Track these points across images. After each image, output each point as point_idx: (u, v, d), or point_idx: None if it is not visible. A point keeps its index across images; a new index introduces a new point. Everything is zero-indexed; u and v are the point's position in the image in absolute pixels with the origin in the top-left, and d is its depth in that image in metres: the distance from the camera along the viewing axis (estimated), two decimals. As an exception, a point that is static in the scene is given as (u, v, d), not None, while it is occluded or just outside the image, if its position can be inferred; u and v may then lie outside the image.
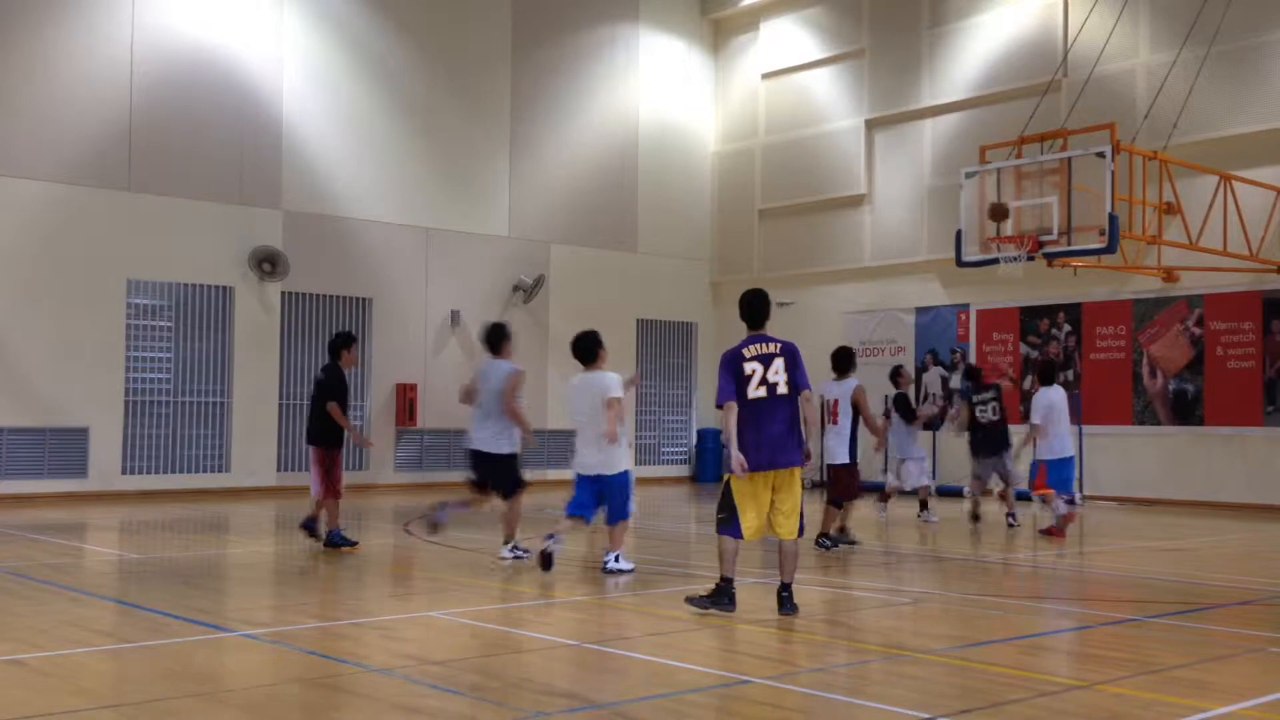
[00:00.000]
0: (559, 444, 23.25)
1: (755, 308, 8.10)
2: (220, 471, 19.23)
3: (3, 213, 17.39)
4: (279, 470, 19.73)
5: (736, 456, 7.40)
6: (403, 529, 13.84)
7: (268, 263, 19.47)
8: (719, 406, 7.74)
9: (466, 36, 22.15)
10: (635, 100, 24.43)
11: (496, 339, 11.18)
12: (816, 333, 23.12)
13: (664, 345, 24.92)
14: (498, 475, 10.64)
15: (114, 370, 18.27)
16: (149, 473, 18.52)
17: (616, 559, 9.68)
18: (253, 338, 19.60)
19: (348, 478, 20.84)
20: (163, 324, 18.92)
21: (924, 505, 15.15)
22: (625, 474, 9.88)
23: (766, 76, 24.48)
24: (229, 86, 19.43)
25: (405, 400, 20.89)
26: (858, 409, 12.05)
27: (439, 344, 21.62)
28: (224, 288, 19.35)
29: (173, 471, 18.64)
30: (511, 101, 22.73)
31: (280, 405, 19.83)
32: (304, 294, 20.22)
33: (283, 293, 19.86)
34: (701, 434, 24.75)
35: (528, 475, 11.26)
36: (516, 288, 22.45)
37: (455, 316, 21.76)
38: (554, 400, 23.05)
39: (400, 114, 21.35)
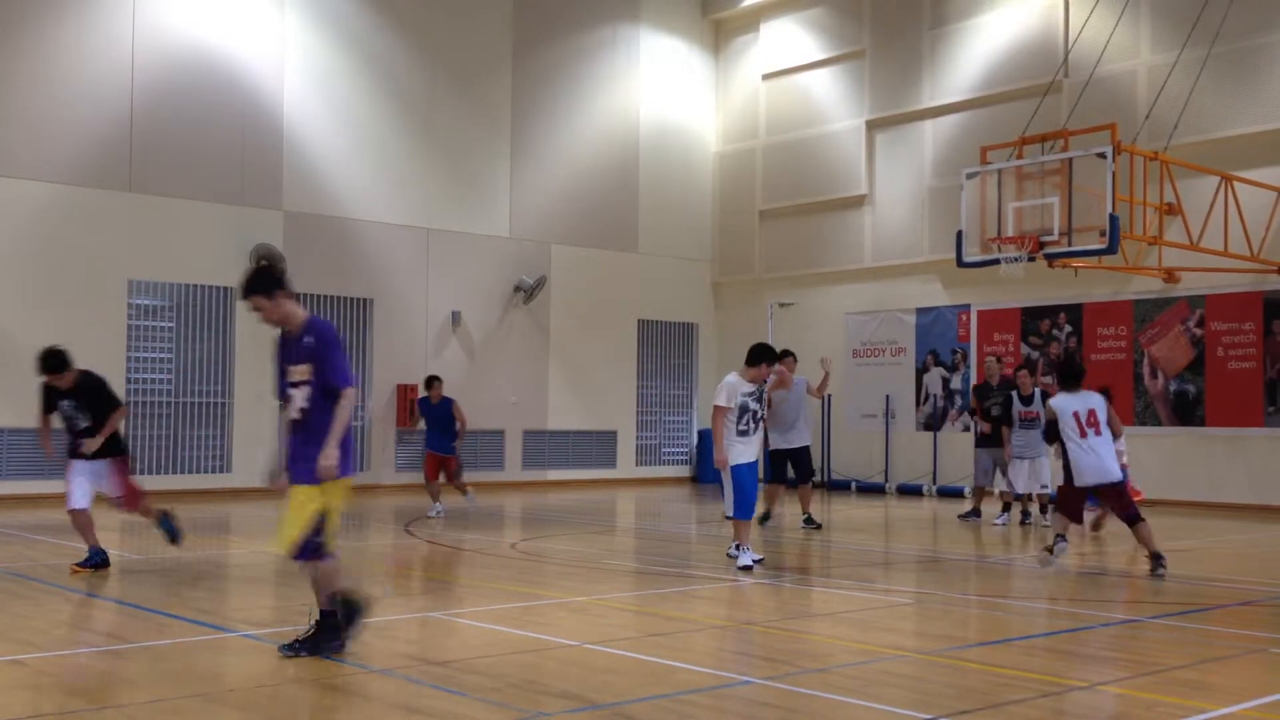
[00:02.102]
0: (560, 444, 23.26)
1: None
2: (221, 472, 19.24)
3: (4, 213, 17.40)
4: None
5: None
6: (404, 529, 13.84)
7: (265, 261, 19.43)
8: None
9: (467, 36, 22.15)
10: (636, 101, 24.44)
11: None
12: (817, 333, 23.15)
13: (665, 346, 24.93)
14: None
15: (115, 371, 18.24)
16: (150, 473, 18.52)
17: (736, 548, 10.15)
18: (253, 339, 19.59)
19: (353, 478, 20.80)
20: (164, 324, 18.93)
21: (1007, 508, 14.93)
22: (733, 470, 10.10)
23: (767, 77, 24.48)
24: (230, 87, 19.44)
25: (406, 401, 20.88)
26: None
27: (440, 345, 21.63)
28: (225, 288, 19.35)
29: (174, 472, 18.65)
30: (512, 101, 22.73)
31: (278, 406, 19.82)
32: (305, 295, 20.22)
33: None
34: (703, 434, 24.76)
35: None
36: (517, 288, 22.45)
37: (456, 317, 21.77)
38: (555, 401, 23.07)
39: (401, 114, 21.36)
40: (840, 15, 23.25)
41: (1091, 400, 10.06)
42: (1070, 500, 10.05)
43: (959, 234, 16.53)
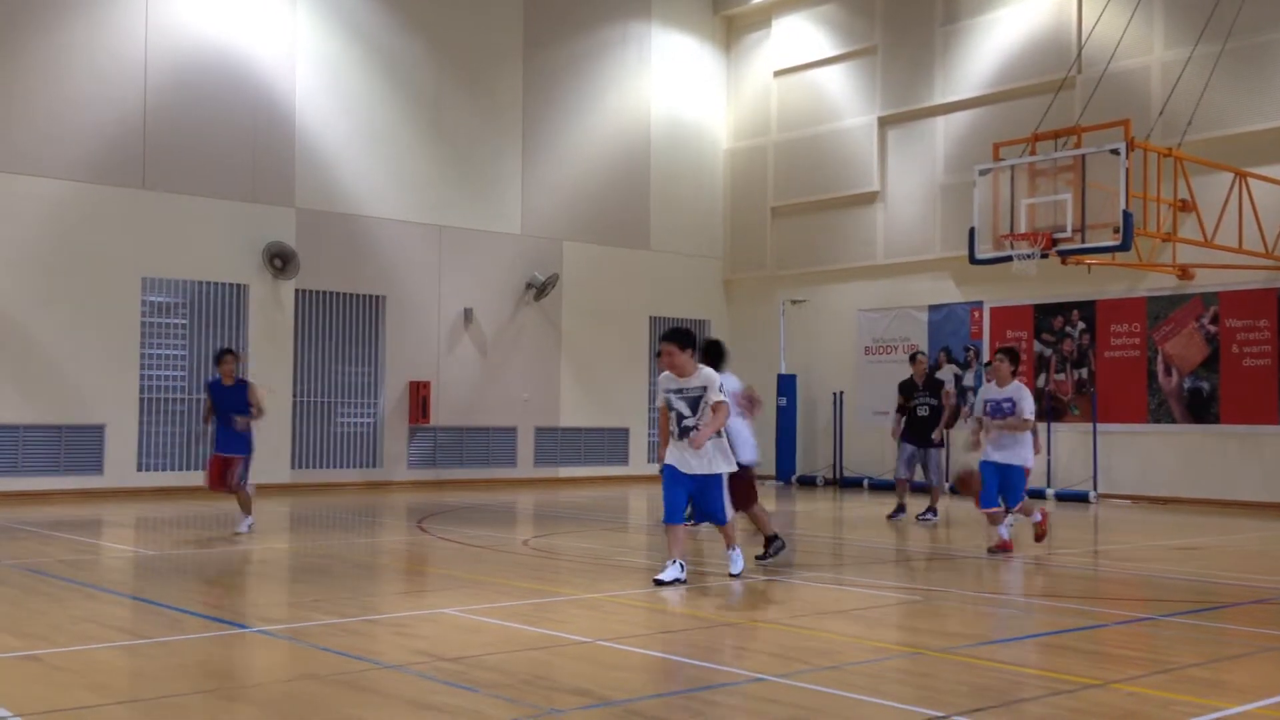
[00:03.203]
0: (572, 441, 23.27)
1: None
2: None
3: (19, 211, 17.48)
4: (293, 468, 19.80)
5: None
6: (416, 526, 13.88)
7: (279, 259, 19.53)
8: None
9: (478, 34, 22.18)
10: (647, 98, 24.44)
11: None
12: (830, 330, 23.14)
13: (677, 343, 24.89)
14: None
15: (129, 368, 18.36)
16: (164, 470, 18.60)
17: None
18: (267, 335, 19.67)
19: (362, 474, 20.96)
20: (177, 321, 19.01)
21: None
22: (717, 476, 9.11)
23: (779, 74, 24.46)
24: (242, 85, 19.50)
25: (418, 398, 20.94)
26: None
27: (452, 341, 21.67)
28: (238, 285, 19.42)
29: (187, 469, 18.72)
30: (523, 99, 22.75)
31: (294, 403, 19.91)
32: (317, 291, 20.28)
33: (296, 290, 19.93)
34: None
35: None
36: (529, 285, 22.48)
37: (468, 314, 21.80)
38: (567, 398, 23.08)
39: (412, 111, 21.39)
40: (852, 11, 23.21)
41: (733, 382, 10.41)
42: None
43: (971, 231, 16.50)
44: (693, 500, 9.19)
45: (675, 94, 24.83)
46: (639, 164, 24.30)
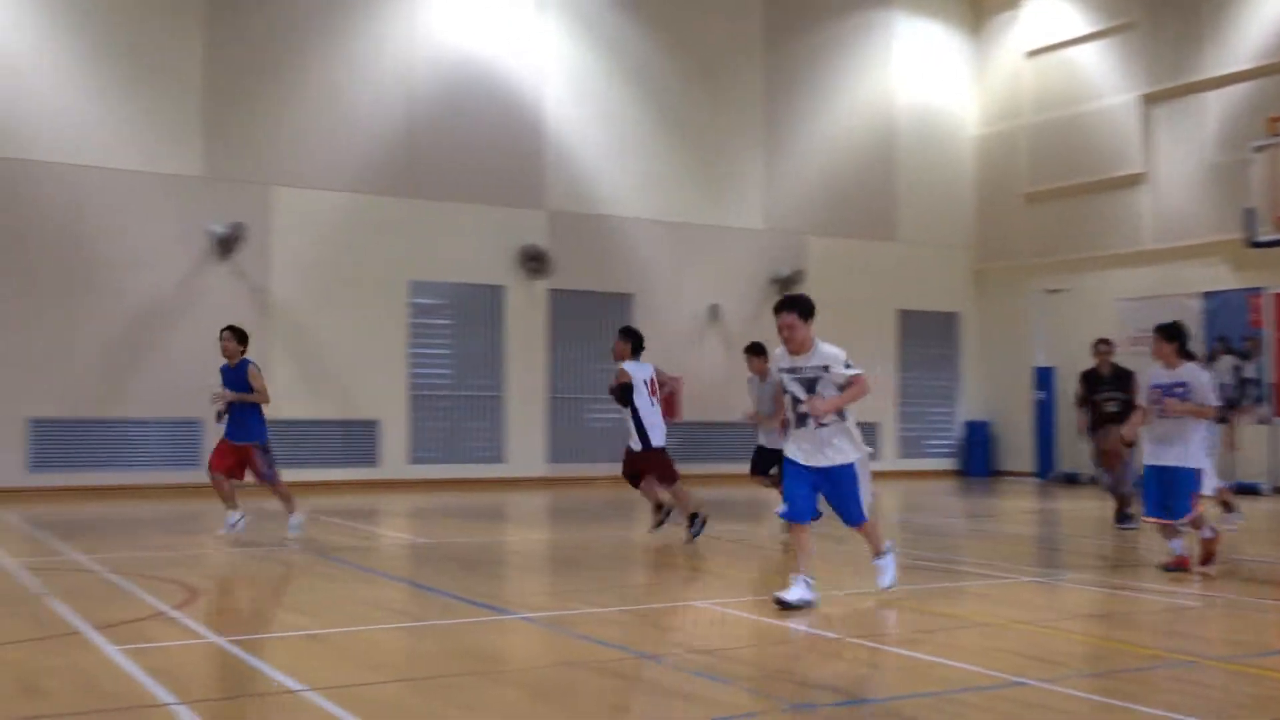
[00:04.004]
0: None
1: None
2: (495, 462, 20.19)
3: (302, 222, 18.88)
4: (548, 462, 20.55)
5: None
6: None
7: (535, 261, 20.30)
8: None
9: (718, 31, 22.36)
10: (891, 86, 23.99)
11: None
12: (1090, 321, 22.05)
13: (926, 336, 24.36)
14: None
15: (399, 366, 19.52)
16: (433, 463, 19.67)
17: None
18: (523, 334, 20.49)
19: (614, 469, 21.43)
20: (441, 322, 20.06)
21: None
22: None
23: (1031, 54, 23.51)
24: (497, 94, 20.37)
25: (669, 394, 21.27)
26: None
27: (698, 338, 21.93)
28: (496, 286, 20.31)
29: (454, 462, 19.72)
30: (764, 93, 22.77)
31: (550, 399, 20.64)
32: (569, 291, 20.95)
33: (549, 290, 20.66)
34: (969, 426, 24.10)
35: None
36: (776, 280, 22.49)
37: (714, 310, 22.01)
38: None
39: (655, 111, 21.78)
40: (1110, -15, 22.07)
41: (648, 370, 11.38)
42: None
43: (1248, 212, 15.39)
44: (825, 499, 7.90)
45: (920, 81, 24.27)
46: (884, 154, 23.88)
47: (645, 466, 11.43)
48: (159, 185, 18.02)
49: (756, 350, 12.25)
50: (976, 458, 23.93)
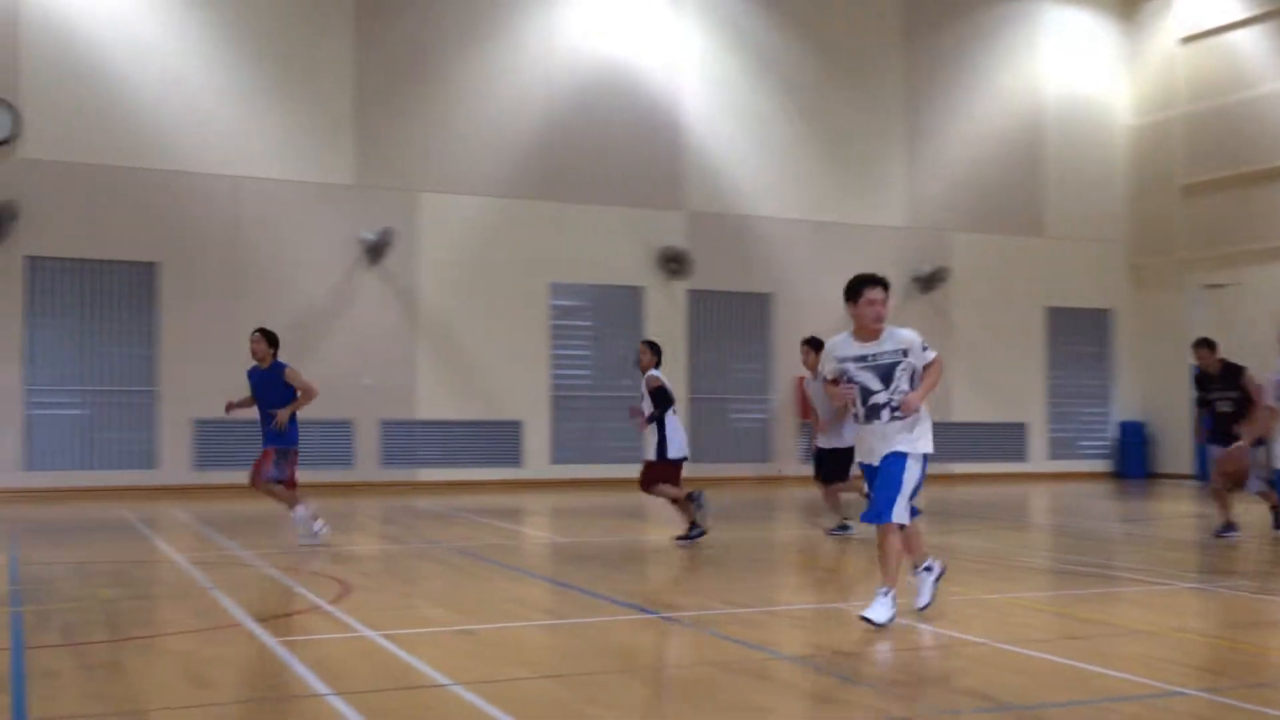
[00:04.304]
0: (964, 437, 22.63)
1: None
2: (636, 462, 20.29)
3: (447, 226, 19.36)
4: (690, 461, 20.54)
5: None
6: (810, 521, 14.03)
7: (674, 262, 20.39)
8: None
9: (857, 27, 22.10)
10: (1038, 77, 23.36)
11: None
12: (1255, 317, 21.08)
13: (1077, 334, 23.64)
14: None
15: (541, 368, 19.84)
16: (574, 463, 19.93)
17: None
18: (662, 335, 20.55)
19: (755, 469, 21.30)
20: (582, 324, 20.32)
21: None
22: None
23: (1185, 41, 22.61)
24: (634, 96, 20.54)
25: (806, 394, 21.12)
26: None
27: (839, 337, 21.69)
28: (635, 288, 20.46)
29: (594, 462, 19.95)
30: (905, 89, 22.41)
31: (690, 399, 20.69)
32: (708, 291, 20.97)
33: (688, 290, 20.71)
34: (1124, 427, 23.29)
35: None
36: (917, 279, 22.12)
37: (855, 309, 21.76)
38: (958, 392, 22.49)
39: (793, 109, 21.65)
40: (1274, -36, 21.06)
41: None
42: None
43: None
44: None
45: (1069, 71, 23.56)
46: (1031, 147, 23.25)
47: (652, 474, 11.46)
48: (313, 194, 18.70)
49: (817, 345, 11.58)
50: (1132, 459, 23.11)
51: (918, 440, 6.82)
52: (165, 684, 5.46)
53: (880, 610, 6.61)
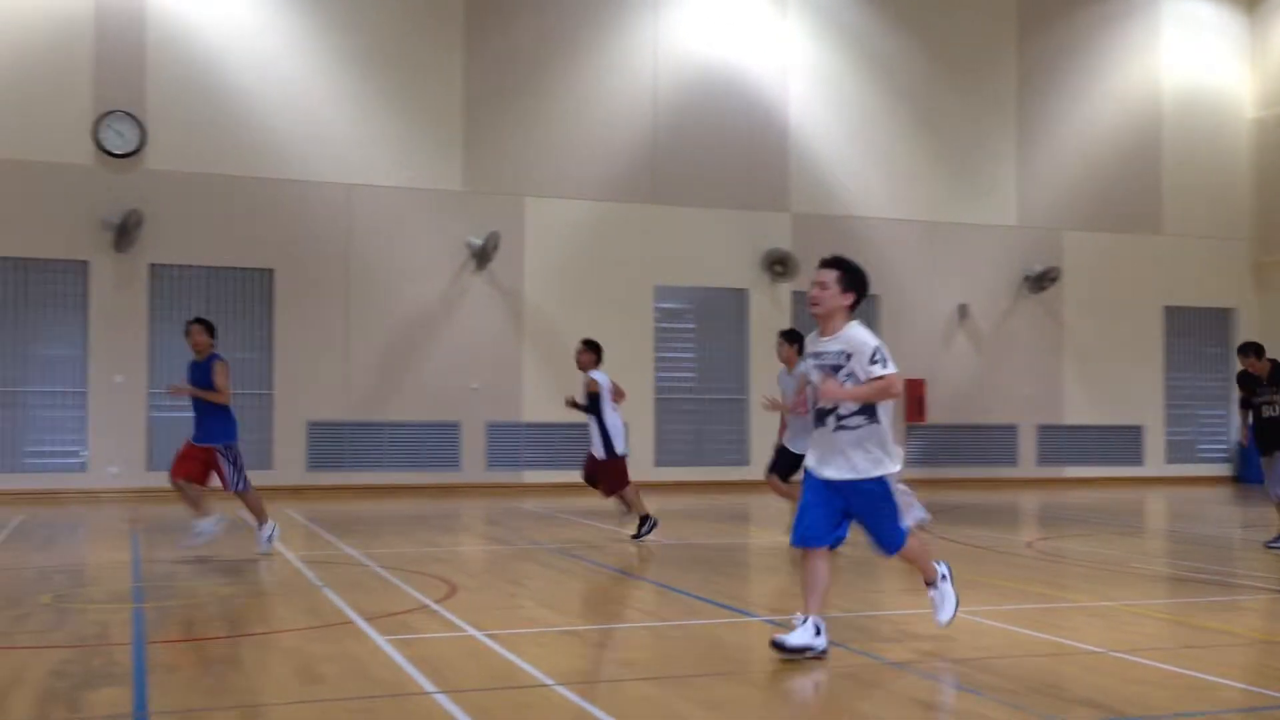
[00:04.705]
0: (1078, 440, 22.07)
1: None
2: (740, 465, 20.27)
3: (552, 231, 19.55)
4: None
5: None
6: (915, 525, 13.82)
7: (780, 264, 20.29)
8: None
9: (970, 25, 21.74)
10: (1157, 70, 22.70)
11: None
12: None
13: (1197, 334, 22.91)
14: None
15: (645, 369, 19.90)
16: (677, 465, 19.94)
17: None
18: (767, 337, 20.46)
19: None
20: (685, 326, 20.33)
21: None
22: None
23: (1315, 28, 21.75)
24: (739, 98, 20.49)
25: (914, 396, 20.84)
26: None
27: (946, 339, 21.37)
28: (739, 290, 20.41)
29: (698, 464, 19.93)
30: (1018, 84, 21.97)
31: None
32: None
33: (792, 292, 20.58)
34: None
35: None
36: (1029, 278, 21.67)
37: (963, 310, 21.39)
38: (1070, 394, 21.96)
39: (902, 109, 21.37)
40: None
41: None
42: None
43: None
44: (856, 521, 6.21)
45: (1189, 65, 22.85)
46: (1148, 143, 22.60)
47: (602, 473, 11.85)
48: (422, 200, 19.05)
49: (791, 338, 11.15)
50: (1254, 464, 22.24)
51: (879, 461, 5.98)
52: (279, 679, 5.61)
53: (798, 635, 5.86)
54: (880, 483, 5.97)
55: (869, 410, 5.99)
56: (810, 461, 6.08)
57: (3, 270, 17.51)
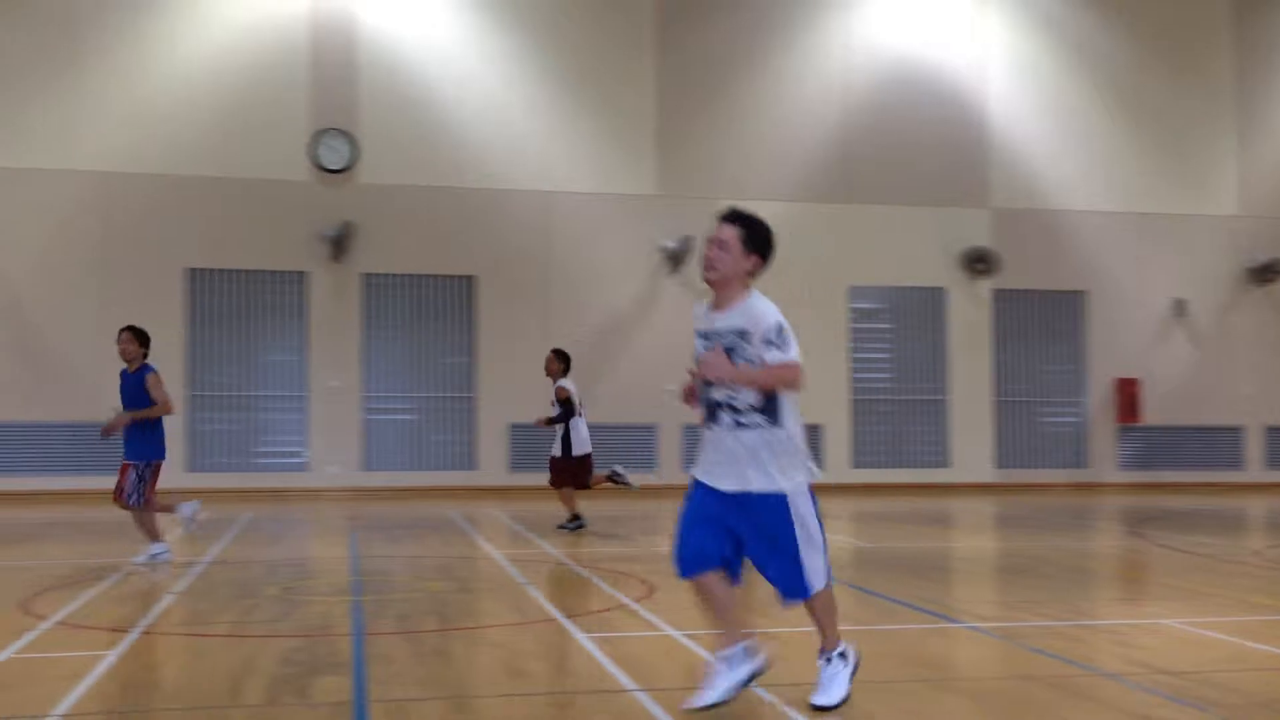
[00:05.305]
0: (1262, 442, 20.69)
1: None
2: (940, 466, 19.83)
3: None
4: (996, 467, 19.88)
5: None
6: (1131, 530, 13.25)
7: (980, 262, 19.75)
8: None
9: (1179, 11, 20.69)
10: (1397, 43, 21.06)
11: None
12: None
13: None
14: None
15: (841, 371, 19.69)
16: (874, 467, 19.65)
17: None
18: (966, 336, 19.97)
19: (1068, 475, 20.27)
20: (881, 326, 20.00)
21: None
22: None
23: None
24: (934, 93, 20.04)
25: (1126, 395, 19.95)
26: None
27: (1161, 335, 20.37)
28: (936, 289, 19.96)
29: (896, 466, 19.59)
30: (1235, 68, 20.77)
31: (996, 402, 19.98)
32: (1014, 290, 20.17)
33: (993, 290, 20.00)
34: None
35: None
36: (1252, 269, 20.45)
37: (1180, 305, 20.35)
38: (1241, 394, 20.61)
39: (1109, 99, 20.50)
40: None
41: None
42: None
43: None
44: (745, 551, 4.93)
45: None
46: (1387, 121, 21.00)
47: (554, 467, 12.62)
48: (617, 205, 19.37)
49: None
50: None
51: (786, 468, 4.80)
52: (487, 673, 5.82)
53: (711, 691, 4.87)
54: (778, 500, 4.74)
55: (769, 409, 4.84)
56: (697, 469, 4.93)
57: (232, 282, 18.68)
